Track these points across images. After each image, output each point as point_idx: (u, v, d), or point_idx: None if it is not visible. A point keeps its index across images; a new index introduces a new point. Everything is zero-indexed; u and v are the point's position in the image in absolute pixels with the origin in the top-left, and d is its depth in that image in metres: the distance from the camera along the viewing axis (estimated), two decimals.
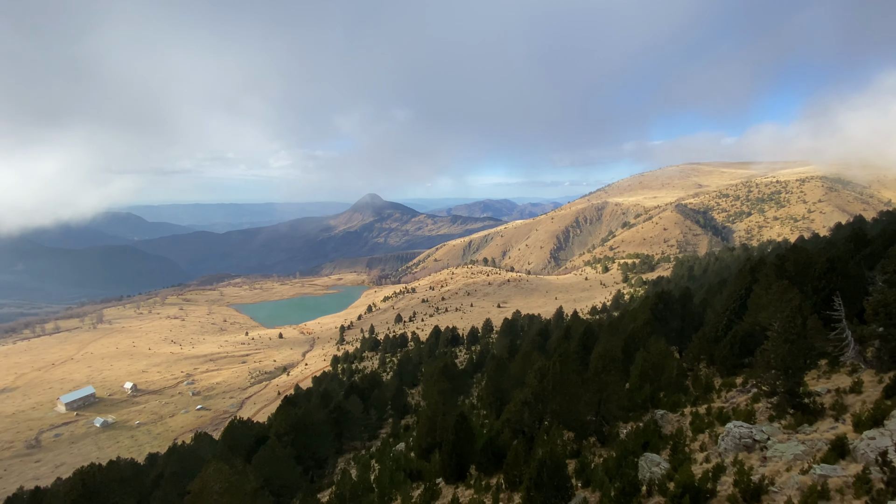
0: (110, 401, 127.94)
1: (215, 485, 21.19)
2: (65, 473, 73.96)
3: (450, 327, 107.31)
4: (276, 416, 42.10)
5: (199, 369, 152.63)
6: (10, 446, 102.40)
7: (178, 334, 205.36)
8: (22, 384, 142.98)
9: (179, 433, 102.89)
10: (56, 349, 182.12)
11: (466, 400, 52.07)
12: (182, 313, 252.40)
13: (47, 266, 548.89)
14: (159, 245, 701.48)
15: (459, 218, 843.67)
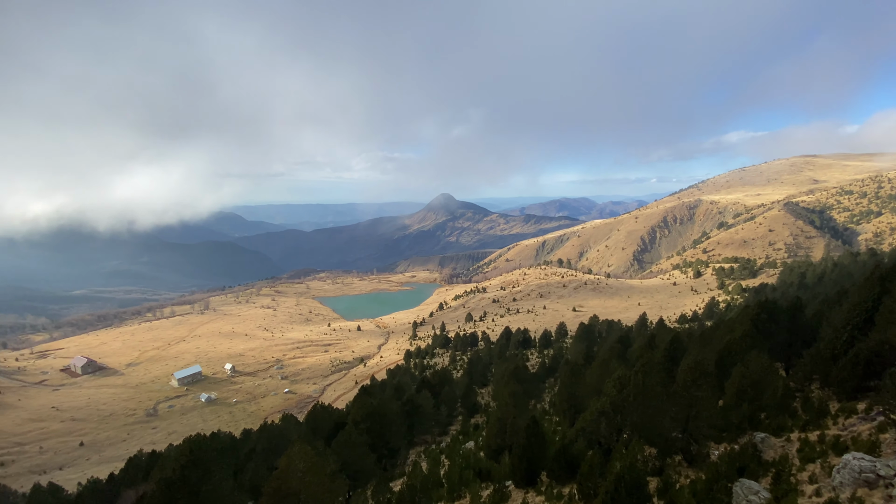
0: (213, 379, 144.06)
1: (299, 463, 22.78)
2: (176, 440, 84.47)
3: (521, 329, 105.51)
4: (354, 404, 44.33)
5: (287, 355, 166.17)
6: (133, 413, 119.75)
7: (270, 322, 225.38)
8: (144, 360, 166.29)
9: (269, 413, 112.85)
10: (171, 331, 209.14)
11: (538, 405, 50.80)
12: (274, 304, 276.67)
13: (166, 258, 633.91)
14: (256, 241, 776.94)
15: (533, 217, 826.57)
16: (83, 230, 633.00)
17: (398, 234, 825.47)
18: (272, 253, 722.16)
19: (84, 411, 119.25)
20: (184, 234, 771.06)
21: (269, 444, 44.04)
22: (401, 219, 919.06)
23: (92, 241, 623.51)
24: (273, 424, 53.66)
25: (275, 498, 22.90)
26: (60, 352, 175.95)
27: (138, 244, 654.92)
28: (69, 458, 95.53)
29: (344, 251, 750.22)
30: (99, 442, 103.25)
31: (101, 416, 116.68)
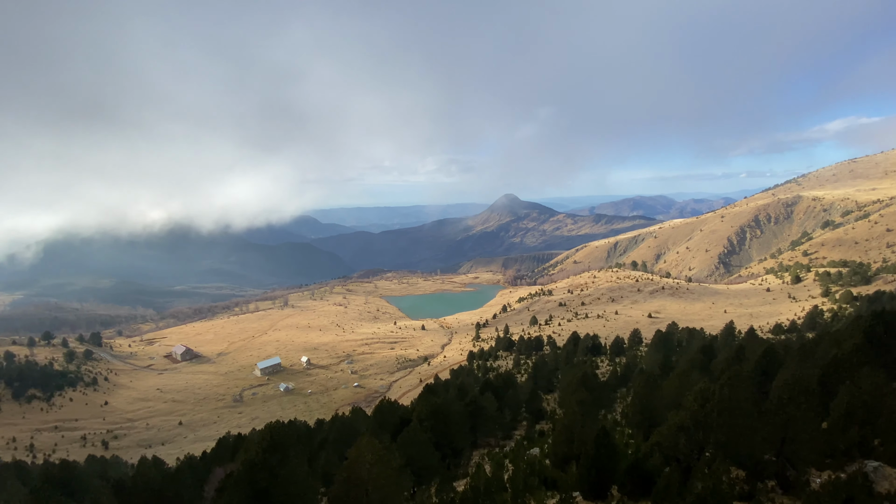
0: (291, 370, 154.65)
1: (368, 455, 23.62)
2: (258, 425, 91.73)
3: (590, 334, 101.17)
4: (419, 401, 45.22)
5: (357, 351, 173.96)
6: (223, 398, 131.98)
7: (341, 319, 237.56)
8: (233, 350, 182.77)
9: (340, 405, 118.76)
10: (256, 324, 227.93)
11: (608, 415, 48.42)
12: (345, 301, 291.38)
13: (252, 258, 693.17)
14: (329, 243, 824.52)
15: (604, 217, 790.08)
16: (189, 233, 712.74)
17: (461, 235, 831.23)
18: (344, 253, 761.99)
19: (183, 394, 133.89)
20: (268, 235, 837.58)
21: (340, 434, 46.27)
22: (464, 220, 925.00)
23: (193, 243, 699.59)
24: (343, 416, 56.34)
25: (345, 486, 23.95)
26: (164, 340, 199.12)
27: (229, 245, 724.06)
28: (170, 435, 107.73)
29: (409, 252, 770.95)
30: (194, 422, 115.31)
31: (197, 399, 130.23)
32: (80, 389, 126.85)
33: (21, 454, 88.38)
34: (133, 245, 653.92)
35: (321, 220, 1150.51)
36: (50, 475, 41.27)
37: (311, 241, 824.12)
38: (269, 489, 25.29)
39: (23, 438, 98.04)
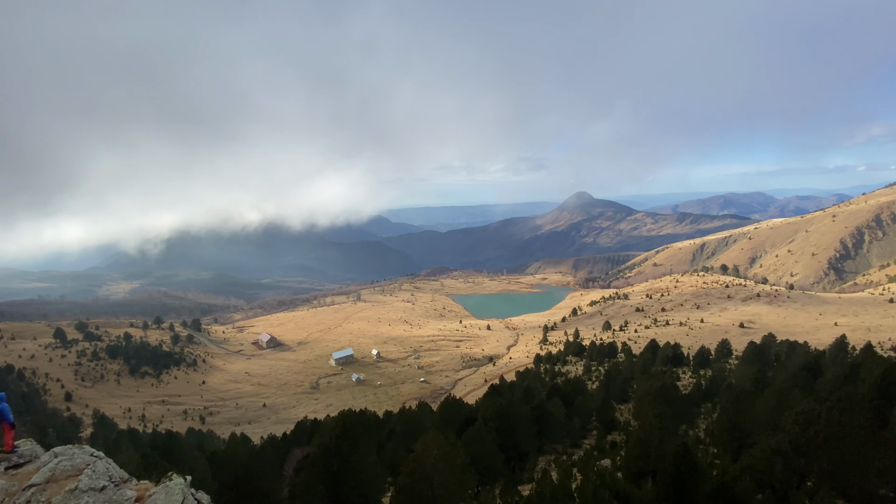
0: (362, 362, 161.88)
1: (433, 450, 23.83)
2: (332, 412, 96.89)
3: (671, 343, 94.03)
4: (483, 401, 44.93)
5: (423, 347, 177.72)
6: (301, 385, 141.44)
7: (409, 315, 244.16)
8: (311, 340, 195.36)
9: (407, 398, 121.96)
10: (331, 317, 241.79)
11: (689, 431, 44.64)
12: (413, 298, 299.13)
13: (329, 255, 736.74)
14: (398, 241, 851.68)
15: (689, 216, 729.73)
16: (279, 232, 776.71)
17: (529, 234, 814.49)
18: (412, 251, 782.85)
19: (267, 378, 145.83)
20: (344, 234, 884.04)
21: (407, 427, 47.39)
22: (532, 219, 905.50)
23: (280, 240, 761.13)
24: (410, 410, 57.70)
25: (411, 478, 24.39)
26: (252, 328, 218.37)
27: (311, 243, 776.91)
28: (255, 415, 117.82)
29: (475, 251, 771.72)
30: (277, 405, 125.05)
31: (279, 384, 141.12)
32: (182, 369, 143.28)
33: (134, 423, 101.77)
34: (232, 242, 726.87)
35: (392, 219, 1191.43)
36: (156, 443, 46.92)
37: (382, 240, 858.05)
38: (341, 473, 26.48)
39: (136, 409, 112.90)
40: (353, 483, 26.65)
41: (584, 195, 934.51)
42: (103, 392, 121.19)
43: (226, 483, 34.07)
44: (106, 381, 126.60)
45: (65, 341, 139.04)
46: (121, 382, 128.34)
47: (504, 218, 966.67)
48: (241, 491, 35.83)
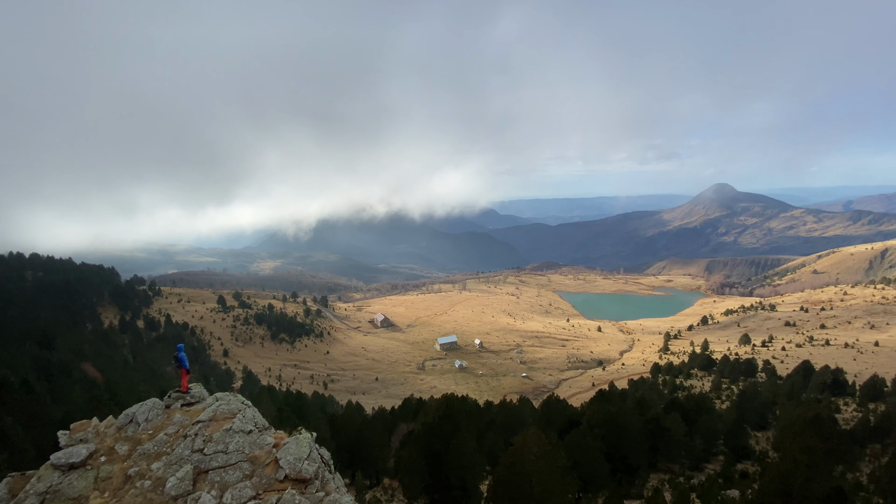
0: (465, 350, 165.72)
1: (534, 447, 23.28)
2: (436, 394, 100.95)
3: (831, 367, 78.43)
4: (590, 405, 42.58)
5: (526, 342, 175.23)
6: (409, 364, 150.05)
7: (513, 309, 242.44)
8: (418, 324, 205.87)
9: (507, 391, 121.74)
10: (437, 304, 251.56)
11: (847, 474, 36.86)
12: (517, 292, 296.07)
13: (437, 245, 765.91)
14: (505, 234, 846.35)
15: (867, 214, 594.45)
16: (399, 222, 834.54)
17: (653, 230, 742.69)
18: (519, 244, 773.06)
19: (380, 355, 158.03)
20: (454, 225, 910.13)
21: (507, 420, 47.26)
22: (657, 214, 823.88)
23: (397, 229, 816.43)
24: (511, 403, 57.39)
25: (509, 472, 24.19)
26: (368, 308, 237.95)
27: (422, 232, 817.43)
28: (369, 387, 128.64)
29: (588, 247, 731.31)
30: (387, 380, 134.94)
31: (390, 362, 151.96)
32: (311, 339, 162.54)
33: (272, 381, 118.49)
34: (360, 230, 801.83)
35: (500, 211, 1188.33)
36: (289, 401, 53.97)
37: (489, 231, 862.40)
38: (442, 454, 27.40)
39: (274, 369, 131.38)
40: (452, 465, 27.38)
41: (724, 188, 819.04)
42: (251, 352, 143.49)
43: (342, 444, 37.78)
44: (253, 343, 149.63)
45: (225, 307, 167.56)
46: (264, 345, 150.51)
47: (623, 212, 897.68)
48: (354, 454, 39.39)
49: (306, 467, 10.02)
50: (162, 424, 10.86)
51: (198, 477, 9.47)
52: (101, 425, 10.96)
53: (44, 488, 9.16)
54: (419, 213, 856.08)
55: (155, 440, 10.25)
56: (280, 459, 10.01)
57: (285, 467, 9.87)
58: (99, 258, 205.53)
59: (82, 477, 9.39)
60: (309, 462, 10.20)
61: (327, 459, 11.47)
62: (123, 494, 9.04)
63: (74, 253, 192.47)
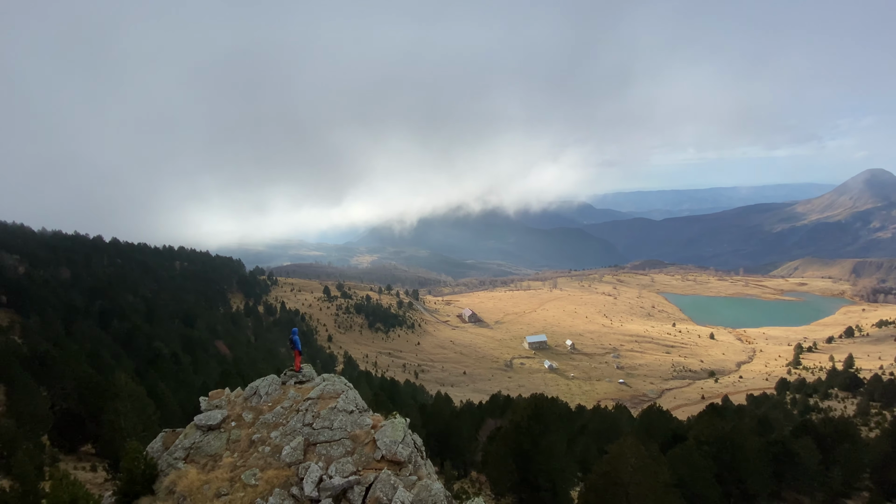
0: (555, 350, 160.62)
1: (631, 458, 21.82)
2: (524, 393, 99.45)
3: None
4: (700, 420, 38.62)
5: (624, 346, 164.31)
6: (496, 361, 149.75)
7: (609, 310, 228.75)
8: (506, 321, 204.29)
9: (602, 397, 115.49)
10: (526, 301, 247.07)
11: None
12: (615, 292, 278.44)
13: (526, 240, 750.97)
14: (602, 229, 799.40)
15: None
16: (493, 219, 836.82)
17: (781, 225, 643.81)
18: (617, 241, 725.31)
19: (467, 349, 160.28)
20: (544, 220, 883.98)
21: (601, 426, 44.84)
22: (788, 206, 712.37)
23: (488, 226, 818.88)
24: (606, 409, 54.37)
25: (604, 480, 22.96)
26: (457, 303, 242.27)
27: (508, 228, 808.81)
28: (456, 380, 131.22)
29: (699, 244, 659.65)
30: (474, 375, 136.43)
31: (477, 357, 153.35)
32: (404, 329, 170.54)
33: (369, 367, 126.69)
34: (452, 226, 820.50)
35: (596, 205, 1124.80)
36: (384, 386, 57.28)
37: (583, 227, 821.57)
38: (531, 454, 26.94)
39: (371, 356, 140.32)
40: (541, 466, 26.77)
41: (880, 175, 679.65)
42: (351, 339, 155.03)
43: (431, 433, 39.10)
44: (353, 331, 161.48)
45: (329, 297, 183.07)
46: (362, 333, 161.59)
47: (744, 204, 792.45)
48: (443, 444, 40.53)
49: (401, 450, 10.52)
50: (279, 398, 12.23)
51: (308, 448, 10.49)
52: (232, 395, 12.68)
53: (189, 444, 10.86)
54: (514, 210, 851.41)
55: (273, 412, 11.56)
56: (378, 440, 10.65)
57: (382, 448, 10.48)
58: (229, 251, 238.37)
59: (217, 438, 10.95)
60: (403, 446, 10.70)
61: (419, 445, 11.94)
62: (248, 456, 10.35)
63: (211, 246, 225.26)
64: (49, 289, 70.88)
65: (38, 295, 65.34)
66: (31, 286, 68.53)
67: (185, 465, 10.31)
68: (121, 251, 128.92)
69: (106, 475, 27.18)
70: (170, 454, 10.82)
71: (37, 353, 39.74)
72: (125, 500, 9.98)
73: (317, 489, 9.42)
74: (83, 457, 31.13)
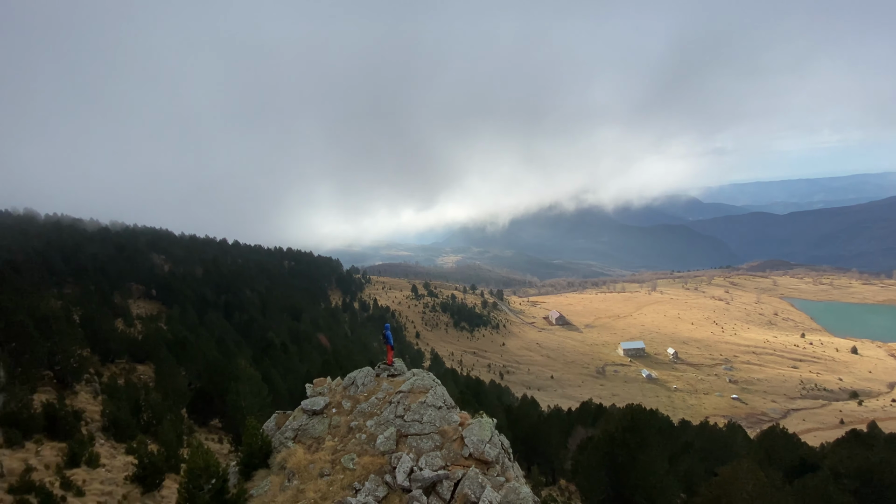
0: (654, 359, 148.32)
1: (748, 485, 19.36)
2: (618, 402, 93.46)
3: None
4: (838, 448, 32.97)
5: (738, 358, 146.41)
6: (587, 367, 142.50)
7: (719, 316, 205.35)
8: (598, 325, 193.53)
9: (710, 413, 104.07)
10: (620, 305, 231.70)
11: None
12: (727, 296, 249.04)
13: (621, 239, 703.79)
14: (710, 226, 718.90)
15: None
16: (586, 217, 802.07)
17: None
18: (730, 239, 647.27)
19: (555, 353, 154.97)
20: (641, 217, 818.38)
21: (709, 445, 40.45)
22: None
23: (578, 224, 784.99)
24: (715, 427, 48.93)
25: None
26: (543, 304, 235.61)
27: (605, 226, 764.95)
28: (543, 384, 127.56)
29: (837, 241, 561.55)
30: (562, 380, 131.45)
31: (566, 361, 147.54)
32: (489, 329, 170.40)
33: (454, 365, 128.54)
34: (542, 225, 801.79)
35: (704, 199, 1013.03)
36: (469, 385, 57.72)
37: (687, 224, 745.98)
38: (626, 468, 25.20)
39: (456, 354, 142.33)
40: (638, 482, 24.88)
41: None
42: (437, 336, 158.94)
43: (518, 436, 38.47)
44: (439, 329, 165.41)
45: (416, 295, 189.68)
46: (447, 331, 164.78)
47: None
48: (530, 448, 39.66)
49: (489, 450, 10.46)
50: (374, 389, 12.92)
51: (399, 439, 10.92)
52: (333, 383, 13.68)
53: (297, 426, 11.93)
54: (613, 207, 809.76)
55: (369, 402, 12.25)
56: (465, 438, 10.72)
57: (470, 446, 10.51)
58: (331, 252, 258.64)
59: (321, 422, 11.89)
60: (491, 445, 10.63)
61: (507, 447, 11.77)
62: (347, 442, 11.07)
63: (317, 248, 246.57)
64: (187, 284, 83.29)
65: (179, 289, 77.15)
66: (173, 281, 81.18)
67: (294, 444, 11.35)
68: (241, 252, 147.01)
69: (230, 447, 31.17)
70: (281, 433, 11.99)
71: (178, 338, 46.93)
72: (246, 470, 11.28)
73: (408, 479, 9.75)
74: (212, 430, 36.03)
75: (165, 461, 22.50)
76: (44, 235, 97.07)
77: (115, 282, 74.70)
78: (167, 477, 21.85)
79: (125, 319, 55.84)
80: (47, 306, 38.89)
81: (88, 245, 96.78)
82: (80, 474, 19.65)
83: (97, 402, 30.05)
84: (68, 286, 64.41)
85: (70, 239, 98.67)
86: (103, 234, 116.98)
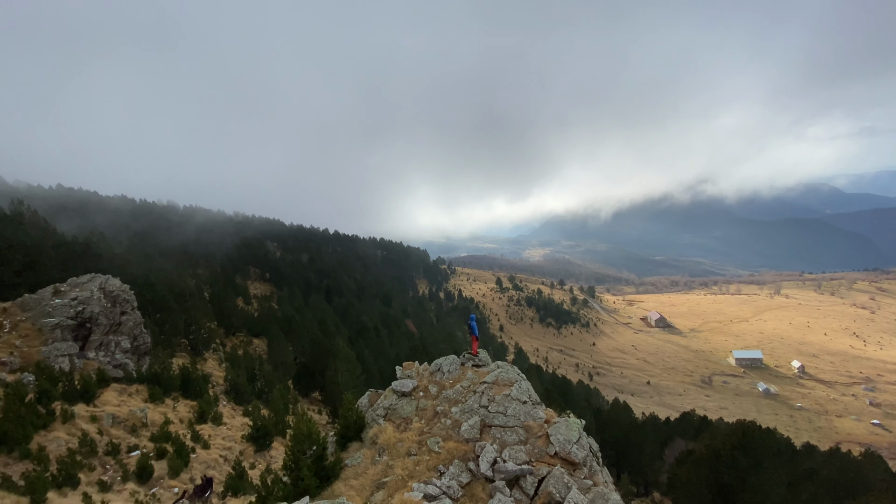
0: (774, 372, 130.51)
1: None
2: (727, 417, 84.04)
3: None
4: None
5: (883, 377, 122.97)
6: (690, 375, 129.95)
7: (861, 327, 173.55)
8: (705, 329, 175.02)
9: (844, 438, 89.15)
10: (734, 308, 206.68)
11: None
12: (873, 304, 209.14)
13: (737, 234, 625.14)
14: (856, 220, 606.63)
15: None
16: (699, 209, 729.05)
17: None
18: (879, 236, 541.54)
19: (653, 357, 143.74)
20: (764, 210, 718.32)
21: (840, 475, 34.57)
22: None
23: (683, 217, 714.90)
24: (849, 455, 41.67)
25: None
26: (641, 304, 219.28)
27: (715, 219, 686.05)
28: (638, 389, 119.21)
29: None
30: (660, 387, 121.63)
31: (665, 367, 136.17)
32: (577, 327, 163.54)
33: (539, 361, 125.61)
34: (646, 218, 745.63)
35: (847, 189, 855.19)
36: (555, 383, 56.06)
37: (824, 218, 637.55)
38: (735, 490, 22.68)
39: (542, 351, 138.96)
40: None
41: None
42: (521, 331, 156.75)
43: (606, 441, 36.54)
44: (523, 323, 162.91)
45: (501, 288, 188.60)
46: (532, 326, 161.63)
47: None
48: (621, 455, 37.46)
49: (575, 451, 10.05)
50: (459, 377, 13.13)
51: (483, 429, 10.97)
52: (420, 368, 14.19)
53: (387, 405, 12.60)
54: (736, 199, 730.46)
55: (454, 389, 12.48)
56: (551, 436, 10.42)
57: (555, 444, 10.20)
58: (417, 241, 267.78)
59: (409, 403, 12.42)
60: (578, 446, 10.21)
61: (595, 450, 11.20)
62: (433, 425, 11.42)
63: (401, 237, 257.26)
64: (294, 269, 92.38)
65: (288, 273, 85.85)
66: (283, 266, 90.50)
67: (384, 422, 12.00)
68: (340, 241, 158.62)
69: (328, 419, 34.11)
70: (373, 410, 12.76)
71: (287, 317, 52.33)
72: (342, 441, 12.23)
73: (491, 469, 9.77)
74: (313, 401, 39.71)
75: (275, 425, 25.43)
76: (182, 224, 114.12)
77: (237, 265, 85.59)
78: (275, 439, 24.72)
79: (244, 298, 63.78)
80: (184, 284, 45.95)
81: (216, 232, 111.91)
82: (207, 429, 23.03)
83: (221, 369, 34.87)
84: (200, 267, 75.30)
85: (202, 227, 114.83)
86: (227, 223, 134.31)
